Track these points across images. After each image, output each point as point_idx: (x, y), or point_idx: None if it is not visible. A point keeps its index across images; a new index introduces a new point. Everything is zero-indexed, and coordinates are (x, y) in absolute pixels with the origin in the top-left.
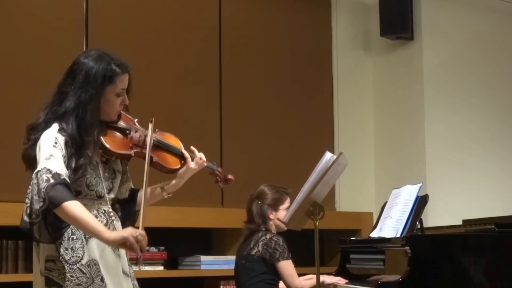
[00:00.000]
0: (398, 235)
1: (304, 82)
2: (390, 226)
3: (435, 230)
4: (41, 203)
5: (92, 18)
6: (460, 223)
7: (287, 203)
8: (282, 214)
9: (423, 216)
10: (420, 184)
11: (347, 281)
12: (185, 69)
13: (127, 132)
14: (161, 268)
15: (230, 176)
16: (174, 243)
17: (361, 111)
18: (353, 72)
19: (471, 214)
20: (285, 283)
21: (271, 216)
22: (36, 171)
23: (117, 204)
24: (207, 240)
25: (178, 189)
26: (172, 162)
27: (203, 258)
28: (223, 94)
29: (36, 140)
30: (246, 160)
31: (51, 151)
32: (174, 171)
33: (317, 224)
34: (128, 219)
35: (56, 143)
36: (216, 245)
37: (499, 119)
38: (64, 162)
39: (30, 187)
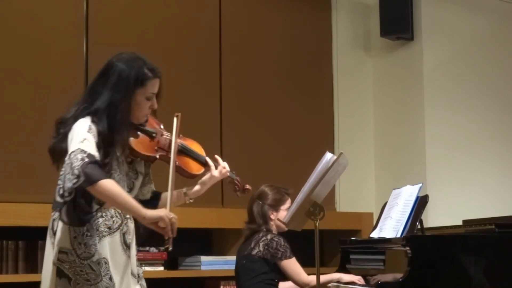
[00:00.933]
0: (398, 236)
1: (304, 82)
2: (390, 226)
3: (435, 230)
4: (75, 180)
5: (92, 18)
6: (460, 223)
7: (288, 203)
8: (283, 214)
9: (423, 217)
10: (420, 185)
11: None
12: (185, 69)
13: (154, 135)
14: (161, 268)
15: (248, 186)
16: (174, 243)
17: (361, 111)
18: (353, 72)
19: (471, 215)
20: (293, 281)
21: (272, 217)
22: (69, 152)
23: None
24: (207, 241)
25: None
26: (194, 168)
27: (203, 258)
28: (223, 94)
29: (66, 133)
30: (246, 160)
31: (85, 135)
32: (195, 176)
33: (317, 224)
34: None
35: (90, 129)
36: (216, 245)
37: (499, 119)
38: (96, 148)
39: (63, 169)
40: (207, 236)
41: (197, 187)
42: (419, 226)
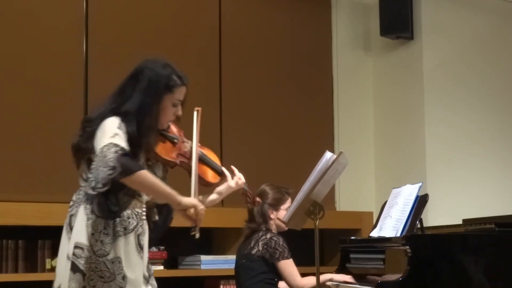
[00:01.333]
0: (398, 235)
1: (304, 82)
2: (390, 225)
3: (435, 229)
4: (111, 171)
5: (92, 18)
6: (460, 222)
7: (288, 203)
8: (283, 214)
9: (423, 216)
10: (420, 184)
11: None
12: (185, 69)
13: (175, 141)
14: (161, 267)
15: (258, 199)
16: (174, 242)
17: (361, 111)
18: (353, 71)
19: (471, 214)
20: (287, 282)
21: (272, 216)
22: (101, 146)
23: (155, 208)
24: (207, 240)
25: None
26: (211, 176)
27: (203, 257)
28: (223, 94)
29: (92, 132)
30: (246, 160)
31: (116, 131)
32: (211, 185)
33: (317, 223)
34: (165, 224)
35: (119, 127)
36: (216, 244)
37: (499, 118)
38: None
39: (93, 164)
40: (207, 235)
41: (213, 196)
42: (419, 225)
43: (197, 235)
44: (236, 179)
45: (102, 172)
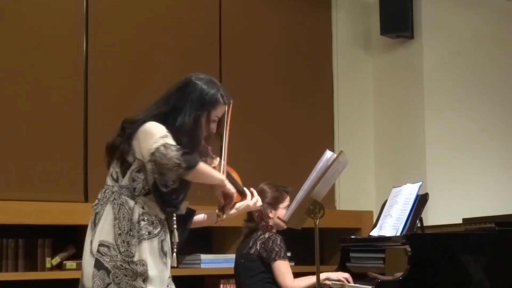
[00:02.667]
0: (398, 234)
1: (304, 81)
2: (390, 224)
3: (435, 228)
4: (176, 168)
5: (92, 18)
6: (460, 221)
7: (286, 201)
8: (281, 212)
9: (423, 215)
10: (420, 183)
11: (351, 282)
12: (185, 69)
13: (204, 156)
14: None
15: (271, 224)
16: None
17: (361, 110)
18: (353, 70)
19: (471, 213)
20: (278, 282)
21: (271, 215)
22: (156, 146)
23: (174, 217)
24: (207, 239)
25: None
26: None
27: (203, 256)
28: None
29: (131, 134)
30: (246, 159)
31: (166, 133)
32: (233, 203)
33: (317, 222)
34: (183, 234)
35: (167, 133)
36: (216, 243)
37: (499, 117)
38: None
39: (150, 162)
40: (207, 234)
41: (232, 211)
42: (419, 224)
43: (225, 216)
44: (254, 200)
45: (168, 169)
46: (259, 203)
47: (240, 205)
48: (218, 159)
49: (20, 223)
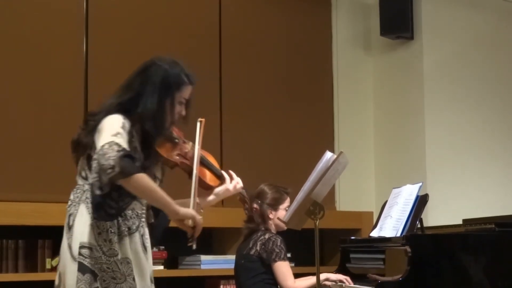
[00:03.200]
0: (398, 235)
1: (304, 82)
2: (390, 225)
3: (435, 229)
4: (110, 171)
5: (92, 18)
6: (460, 222)
7: (287, 202)
8: (281, 213)
9: (423, 216)
10: (420, 184)
11: (351, 283)
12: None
13: (176, 141)
14: (161, 267)
15: (255, 206)
16: (174, 242)
17: (361, 110)
18: (353, 71)
19: (471, 214)
20: (279, 283)
21: (271, 216)
22: (102, 144)
23: (151, 210)
24: (207, 240)
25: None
26: (210, 179)
27: (203, 257)
28: (223, 94)
29: (94, 126)
30: (246, 159)
31: (119, 130)
32: (210, 187)
33: (317, 223)
34: (161, 225)
35: (123, 126)
36: (216, 244)
37: (499, 118)
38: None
39: (95, 161)
40: (207, 235)
41: (210, 198)
42: (419, 225)
43: (194, 246)
44: (234, 183)
45: (103, 172)
46: (240, 185)
47: (219, 190)
48: (190, 143)
49: (20, 224)
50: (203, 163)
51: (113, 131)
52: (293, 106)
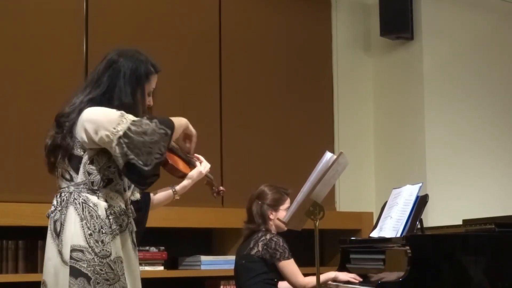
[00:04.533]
0: (398, 235)
1: (304, 82)
2: (390, 226)
3: (435, 230)
4: (164, 135)
5: (92, 18)
6: (460, 223)
7: (287, 203)
8: (282, 214)
9: (423, 216)
10: (420, 184)
11: (361, 279)
12: (185, 69)
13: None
14: (161, 268)
15: (222, 188)
16: (174, 243)
17: (361, 111)
18: (353, 71)
19: (471, 214)
20: (289, 282)
21: (271, 216)
22: (125, 126)
23: (131, 205)
24: (207, 240)
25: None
26: (183, 167)
27: (203, 258)
28: (223, 95)
29: (71, 126)
30: (246, 160)
31: (117, 112)
32: (185, 175)
33: (317, 224)
34: (145, 219)
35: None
36: (216, 245)
37: (499, 119)
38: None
39: (119, 147)
40: (207, 235)
41: (184, 182)
42: (419, 226)
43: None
44: (204, 164)
45: (155, 143)
46: (208, 167)
47: (192, 173)
48: None
49: (20, 224)
50: (173, 150)
51: (115, 113)
52: (293, 106)
